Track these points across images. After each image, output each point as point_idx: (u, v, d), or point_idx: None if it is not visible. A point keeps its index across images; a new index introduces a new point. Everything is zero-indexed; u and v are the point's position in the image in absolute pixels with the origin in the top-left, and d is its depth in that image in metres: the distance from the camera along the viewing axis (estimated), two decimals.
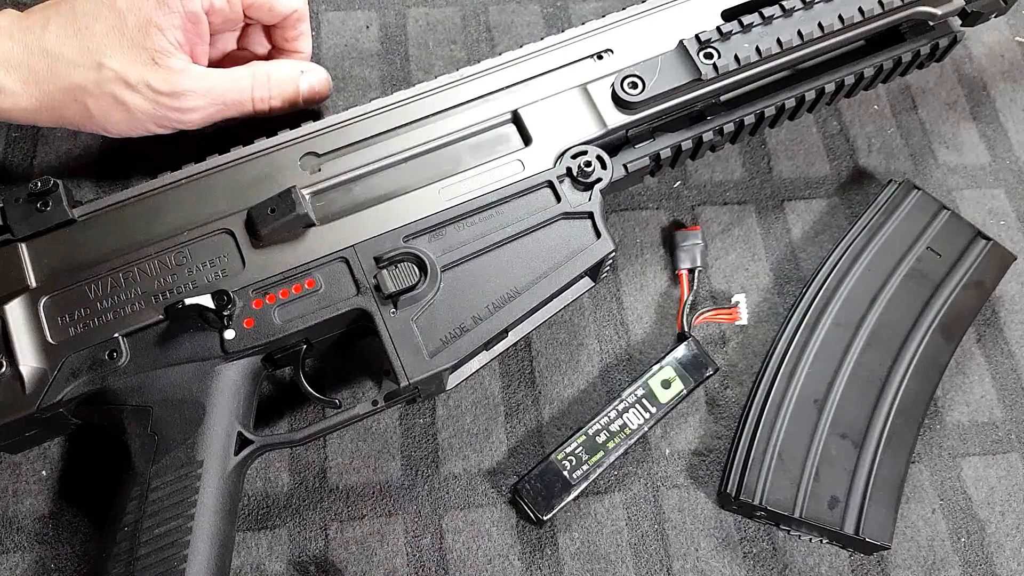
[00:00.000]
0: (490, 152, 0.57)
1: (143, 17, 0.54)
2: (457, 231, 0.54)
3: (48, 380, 0.49)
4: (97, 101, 0.55)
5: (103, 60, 0.54)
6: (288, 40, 0.63)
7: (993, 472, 0.60)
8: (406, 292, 0.51)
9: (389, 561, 0.55)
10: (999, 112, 0.72)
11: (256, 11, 0.60)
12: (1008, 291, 0.65)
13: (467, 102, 0.58)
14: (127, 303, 0.51)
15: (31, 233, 0.53)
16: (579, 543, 0.56)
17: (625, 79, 0.57)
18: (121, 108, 0.55)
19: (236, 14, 0.59)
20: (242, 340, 0.51)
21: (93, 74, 0.54)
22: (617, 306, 0.63)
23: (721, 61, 0.58)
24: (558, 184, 0.56)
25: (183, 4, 0.55)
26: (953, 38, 0.66)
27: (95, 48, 0.54)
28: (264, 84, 0.59)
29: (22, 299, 0.51)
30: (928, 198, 0.64)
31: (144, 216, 0.54)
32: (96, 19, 0.54)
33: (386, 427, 0.58)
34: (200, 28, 0.57)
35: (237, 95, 0.58)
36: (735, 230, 0.66)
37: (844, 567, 0.57)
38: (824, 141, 0.70)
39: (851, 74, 0.63)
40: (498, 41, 0.72)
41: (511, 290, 0.53)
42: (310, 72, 0.62)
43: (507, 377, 0.60)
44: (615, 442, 0.57)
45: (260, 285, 0.52)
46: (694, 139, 0.61)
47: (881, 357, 0.59)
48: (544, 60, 0.59)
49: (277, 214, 0.52)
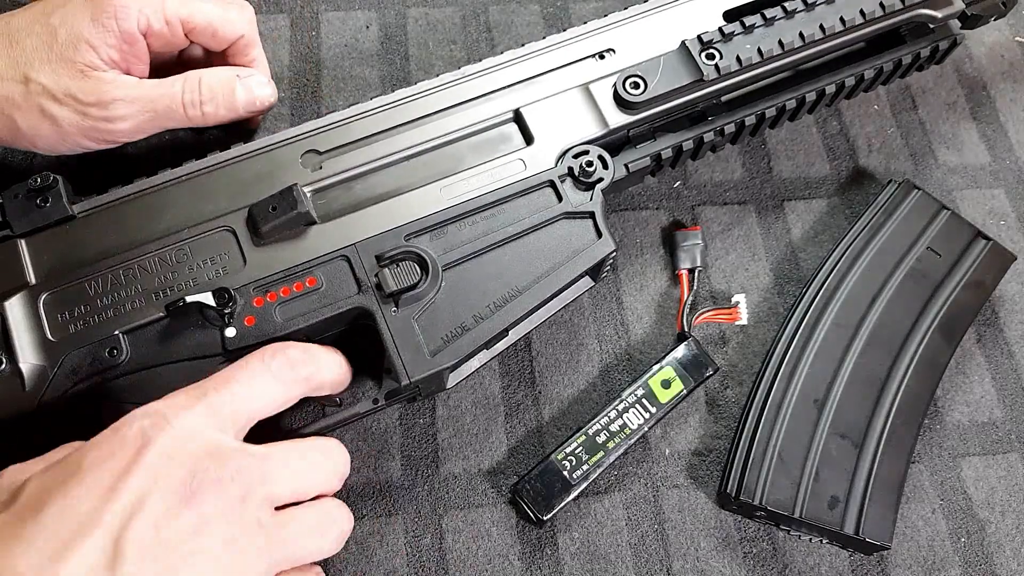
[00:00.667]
0: (492, 151, 0.57)
1: (75, 33, 0.53)
2: (459, 230, 0.54)
3: (48, 377, 0.49)
4: (25, 115, 0.54)
5: (29, 73, 0.53)
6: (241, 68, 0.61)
7: (993, 472, 0.60)
8: (407, 291, 0.51)
9: (389, 561, 0.55)
10: (999, 112, 0.72)
11: (199, 36, 0.58)
12: (1008, 291, 0.65)
13: (469, 101, 0.58)
14: (127, 300, 0.51)
15: (30, 229, 0.52)
16: (579, 543, 0.56)
17: (627, 79, 0.57)
18: (48, 121, 0.54)
19: (178, 38, 0.57)
20: (243, 338, 0.51)
21: (20, 87, 0.53)
22: (617, 306, 0.63)
23: (723, 62, 0.58)
24: (559, 184, 0.56)
25: (118, 23, 0.54)
26: (953, 41, 0.66)
27: (24, 61, 0.53)
28: (194, 88, 0.57)
29: (21, 296, 0.51)
30: (928, 198, 0.64)
31: (144, 213, 0.54)
32: (28, 34, 0.54)
33: (386, 427, 0.58)
34: (136, 48, 0.56)
35: (168, 101, 0.56)
36: (735, 230, 0.66)
37: (844, 567, 0.57)
38: (824, 141, 0.70)
39: (851, 75, 0.63)
40: (498, 41, 0.72)
41: (512, 289, 0.53)
42: (247, 77, 0.59)
43: (507, 377, 0.60)
44: (615, 442, 0.57)
45: (261, 283, 0.52)
46: (695, 139, 0.61)
47: (881, 357, 0.59)
48: (546, 59, 0.59)
49: (279, 212, 0.52)
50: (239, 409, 0.45)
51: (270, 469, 0.44)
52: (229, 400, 0.44)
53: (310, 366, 0.48)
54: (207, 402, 0.44)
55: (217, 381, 0.45)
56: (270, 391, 0.46)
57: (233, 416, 0.44)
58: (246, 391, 0.45)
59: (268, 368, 0.46)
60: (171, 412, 0.43)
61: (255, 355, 0.47)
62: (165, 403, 0.43)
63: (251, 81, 0.60)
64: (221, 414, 0.44)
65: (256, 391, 0.46)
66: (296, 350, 0.48)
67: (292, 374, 0.47)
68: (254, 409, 0.46)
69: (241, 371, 0.46)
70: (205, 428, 0.43)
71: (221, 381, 0.45)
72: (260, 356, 0.47)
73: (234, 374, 0.46)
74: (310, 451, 0.47)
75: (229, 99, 0.58)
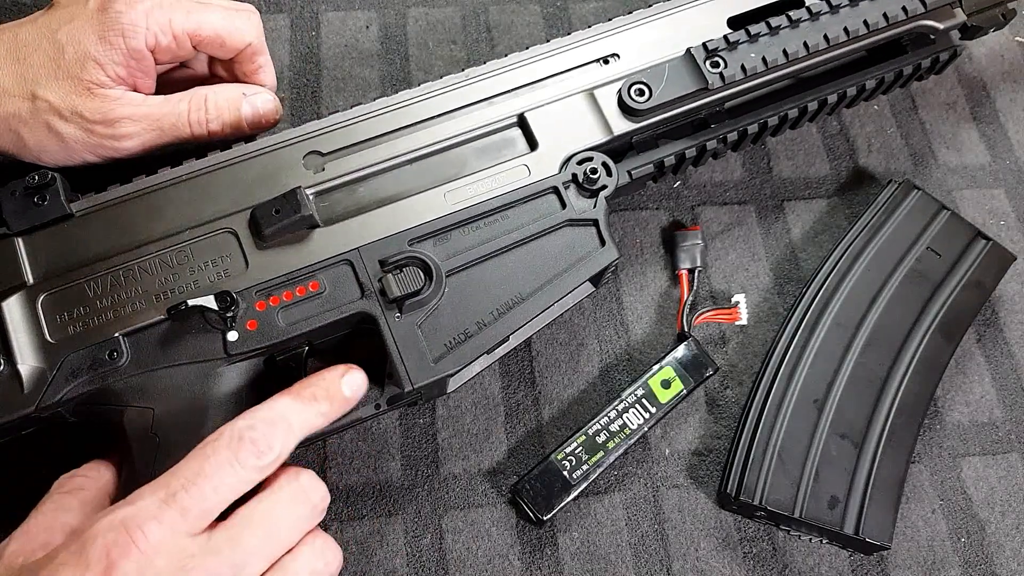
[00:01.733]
0: (496, 156, 0.57)
1: (81, 51, 0.53)
2: (462, 236, 0.54)
3: (47, 379, 0.49)
4: (31, 131, 0.54)
5: (36, 90, 0.53)
6: (248, 75, 0.61)
7: (993, 472, 0.60)
8: (411, 297, 0.51)
9: (389, 561, 0.55)
10: (999, 112, 0.73)
11: (207, 46, 0.58)
12: (1008, 291, 0.66)
13: (473, 104, 0.57)
14: (127, 302, 0.51)
15: (28, 227, 0.52)
16: (579, 543, 0.56)
17: (632, 86, 0.57)
18: (55, 138, 0.54)
19: (185, 50, 0.57)
20: (245, 342, 0.50)
21: (27, 104, 0.53)
22: (617, 306, 0.63)
23: (728, 70, 0.57)
24: (563, 190, 0.55)
25: (125, 42, 0.53)
26: (953, 52, 0.66)
27: (31, 78, 0.53)
28: (200, 107, 0.57)
29: (19, 296, 0.50)
30: (928, 198, 0.64)
31: (144, 212, 0.53)
32: (35, 50, 0.53)
33: (386, 427, 0.58)
34: (144, 64, 0.55)
35: (174, 119, 0.56)
36: (735, 230, 0.66)
37: (844, 567, 0.57)
38: (824, 141, 0.70)
39: (853, 85, 0.63)
40: (498, 41, 0.72)
41: (515, 296, 0.53)
42: (253, 95, 0.59)
43: (507, 377, 0.60)
44: (615, 442, 0.57)
45: (264, 287, 0.52)
46: (698, 147, 0.60)
47: (881, 357, 0.59)
48: (550, 63, 0.59)
49: (282, 215, 0.52)
50: (209, 508, 0.43)
51: (241, 559, 0.43)
52: (199, 500, 0.42)
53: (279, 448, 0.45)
54: (178, 507, 0.42)
55: (185, 477, 0.43)
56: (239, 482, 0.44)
57: (202, 515, 0.42)
58: (214, 486, 0.43)
59: (236, 458, 0.44)
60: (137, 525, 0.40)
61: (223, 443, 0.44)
62: (133, 511, 0.41)
63: (257, 99, 0.59)
64: (191, 516, 0.42)
65: (225, 485, 0.43)
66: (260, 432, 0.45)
67: (259, 462, 0.44)
68: (224, 501, 0.43)
69: (208, 463, 0.43)
70: (173, 537, 0.41)
71: (190, 477, 0.43)
72: (227, 444, 0.44)
73: (203, 467, 0.43)
74: (279, 504, 0.45)
75: (235, 117, 0.58)
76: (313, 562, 0.45)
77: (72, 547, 0.40)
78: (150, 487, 0.43)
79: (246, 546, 0.43)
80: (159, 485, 0.42)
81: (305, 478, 0.47)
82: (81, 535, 0.41)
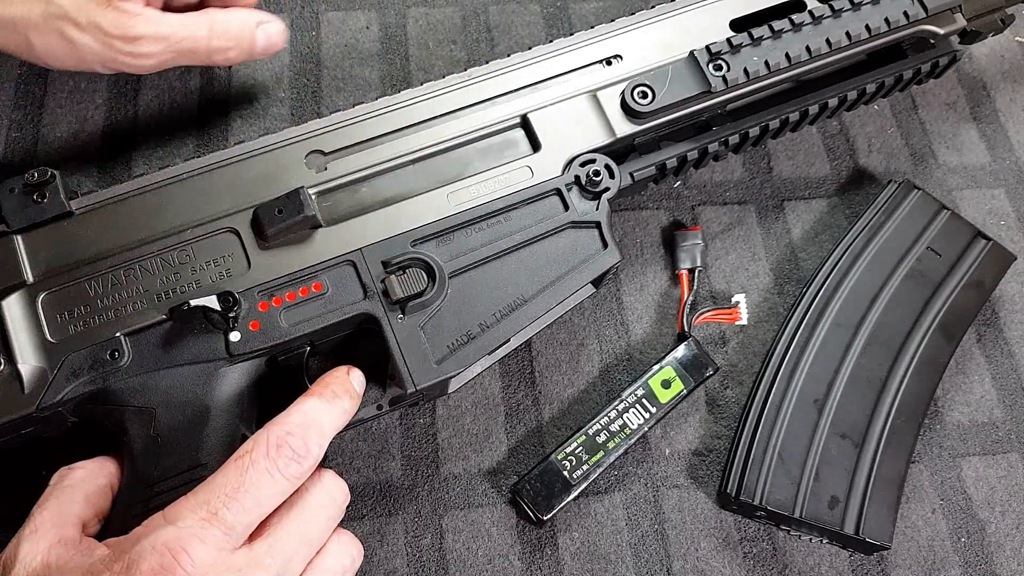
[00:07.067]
0: (499, 157, 0.57)
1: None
2: (465, 237, 0.54)
3: (48, 379, 0.48)
4: (41, 36, 0.53)
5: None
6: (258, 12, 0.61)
7: (993, 472, 0.60)
8: (414, 298, 0.51)
9: (389, 561, 0.55)
10: (999, 112, 0.73)
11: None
12: (1008, 291, 0.66)
13: (476, 104, 0.57)
14: (128, 302, 0.51)
15: (27, 225, 0.52)
16: (579, 543, 0.56)
17: (635, 88, 0.57)
18: (67, 45, 0.53)
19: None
20: (247, 343, 0.50)
21: (40, 7, 0.52)
22: (617, 306, 0.63)
23: (731, 73, 0.57)
24: (566, 192, 0.55)
25: None
26: (953, 56, 0.66)
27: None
28: (223, 34, 0.57)
29: (19, 295, 0.50)
30: (928, 198, 0.64)
31: (145, 211, 0.53)
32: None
33: (386, 427, 0.58)
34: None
35: (192, 44, 0.56)
36: (735, 230, 0.66)
37: (844, 567, 0.57)
38: (824, 141, 0.70)
39: (854, 89, 0.64)
40: (498, 41, 0.72)
41: (518, 298, 0.53)
42: (267, 23, 0.60)
43: (507, 377, 0.60)
44: (615, 442, 0.57)
45: (266, 287, 0.51)
46: (700, 149, 0.60)
47: (881, 357, 0.59)
48: (553, 64, 0.59)
49: (284, 215, 0.52)
50: (251, 522, 0.42)
51: (283, 566, 0.43)
52: (241, 515, 0.42)
53: (316, 452, 0.45)
54: (220, 524, 0.41)
55: (225, 492, 0.42)
56: (278, 493, 0.44)
57: (245, 530, 0.42)
58: (256, 499, 0.42)
59: (276, 467, 0.43)
60: (182, 547, 0.40)
61: (260, 452, 0.44)
62: (175, 532, 0.40)
63: (269, 28, 0.60)
64: (234, 533, 0.42)
65: (266, 496, 0.43)
66: (298, 438, 0.45)
67: (299, 469, 0.44)
68: (263, 514, 0.43)
69: (247, 474, 0.43)
70: (219, 555, 0.41)
71: (230, 493, 0.42)
72: (265, 453, 0.44)
73: (243, 479, 0.42)
74: (309, 508, 0.45)
75: (249, 45, 0.59)
76: (342, 558, 0.46)
77: (115, 567, 0.40)
78: (189, 504, 0.42)
79: (287, 553, 0.43)
80: (199, 502, 0.42)
81: (328, 479, 0.47)
82: (122, 555, 0.40)
